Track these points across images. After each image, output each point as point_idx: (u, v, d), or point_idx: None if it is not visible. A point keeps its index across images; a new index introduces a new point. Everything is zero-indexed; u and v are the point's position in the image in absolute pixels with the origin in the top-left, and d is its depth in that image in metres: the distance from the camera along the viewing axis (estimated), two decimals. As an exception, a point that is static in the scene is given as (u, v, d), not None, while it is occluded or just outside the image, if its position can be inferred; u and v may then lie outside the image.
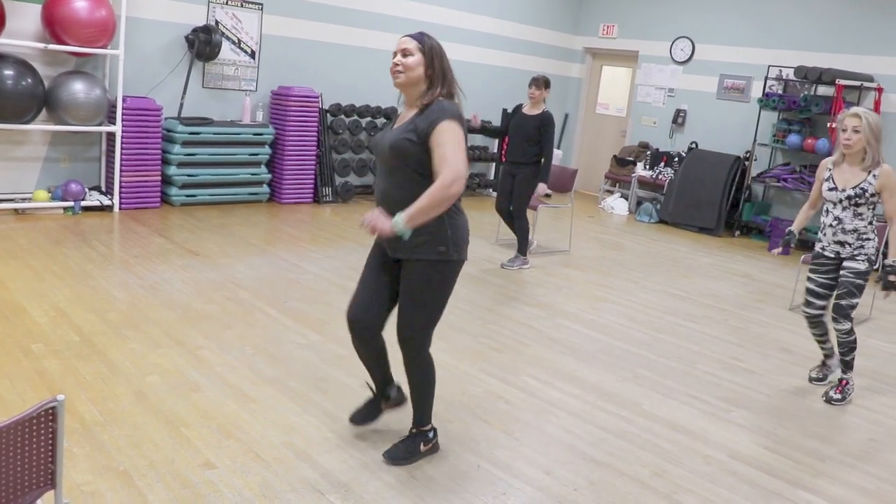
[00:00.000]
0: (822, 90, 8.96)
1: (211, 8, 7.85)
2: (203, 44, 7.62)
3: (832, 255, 4.37)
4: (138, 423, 3.27)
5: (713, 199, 9.56)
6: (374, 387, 3.39)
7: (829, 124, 8.48)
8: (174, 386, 3.67)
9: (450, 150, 2.79)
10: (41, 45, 6.54)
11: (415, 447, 3.21)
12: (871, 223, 4.27)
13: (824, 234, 4.38)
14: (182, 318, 4.59)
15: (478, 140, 10.58)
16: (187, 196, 7.68)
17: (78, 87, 6.67)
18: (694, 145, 10.45)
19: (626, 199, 10.74)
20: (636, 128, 11.36)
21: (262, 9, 8.25)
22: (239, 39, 8.15)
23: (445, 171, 2.76)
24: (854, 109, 4.18)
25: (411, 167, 2.89)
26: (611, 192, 11.14)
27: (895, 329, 6.10)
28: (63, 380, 3.60)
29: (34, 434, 1.71)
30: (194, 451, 3.10)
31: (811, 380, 4.68)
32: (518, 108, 6.77)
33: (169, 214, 7.28)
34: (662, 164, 10.47)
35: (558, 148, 11.93)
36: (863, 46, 8.98)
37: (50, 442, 1.75)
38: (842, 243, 4.30)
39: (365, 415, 3.41)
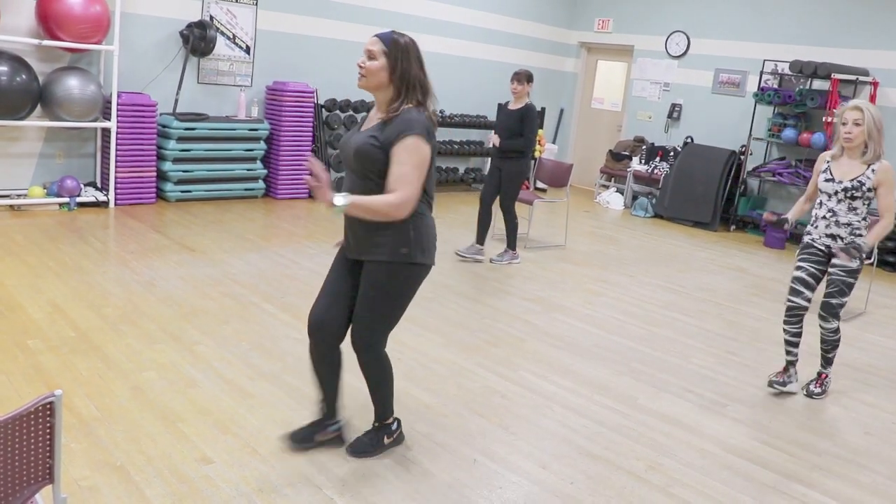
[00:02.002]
0: (818, 84, 8.98)
1: (205, 3, 7.83)
2: (198, 39, 7.60)
3: (822, 248, 4.28)
4: (135, 419, 3.28)
5: (708, 194, 9.58)
6: (323, 409, 3.18)
7: (824, 118, 8.50)
8: (171, 381, 3.68)
9: (408, 169, 2.72)
10: (35, 41, 6.52)
11: (378, 440, 3.19)
12: (864, 219, 4.18)
13: (815, 227, 4.27)
14: (178, 313, 4.59)
15: (474, 135, 10.57)
16: (183, 192, 7.67)
17: (73, 83, 6.65)
18: (689, 140, 10.45)
19: (622, 193, 10.75)
20: (631, 122, 11.37)
21: (256, 4, 8.23)
22: (234, 35, 8.13)
23: (400, 191, 2.70)
24: (855, 102, 4.07)
25: (374, 174, 2.78)
26: (606, 187, 11.15)
27: (890, 323, 6.13)
28: (60, 375, 3.61)
29: (32, 429, 1.71)
30: (191, 446, 3.10)
31: (771, 383, 4.35)
32: (504, 104, 6.91)
33: (164, 210, 7.27)
34: (658, 158, 10.48)
35: (553, 143, 11.94)
36: (858, 40, 8.99)
37: (48, 437, 1.76)
38: (834, 237, 4.20)
39: (305, 437, 3.16)
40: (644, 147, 10.78)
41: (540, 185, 10.65)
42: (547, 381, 4.18)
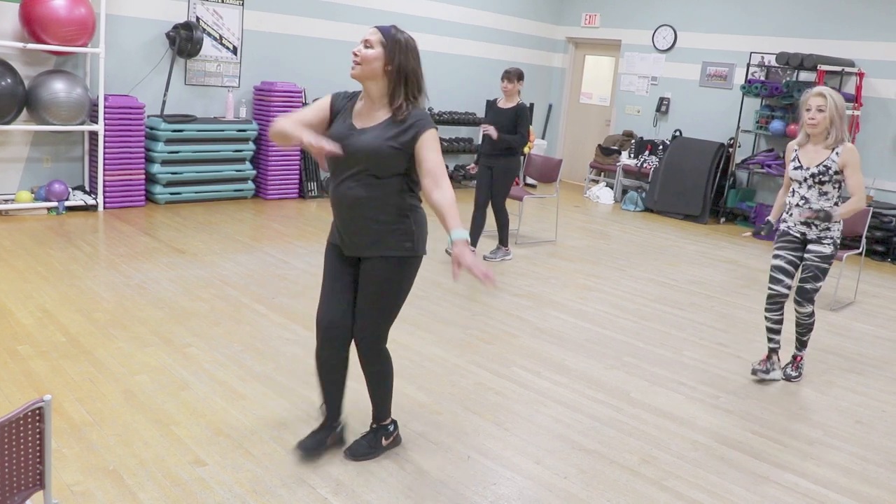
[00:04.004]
0: (804, 76, 9.01)
1: (191, 4, 7.80)
2: (184, 41, 7.57)
3: (798, 235, 4.37)
4: (127, 422, 3.27)
5: (698, 187, 9.61)
6: (326, 412, 3.16)
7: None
8: (162, 384, 3.67)
9: (440, 159, 2.80)
10: (20, 45, 6.48)
11: (377, 442, 3.17)
12: (836, 205, 4.25)
13: (790, 215, 4.38)
14: (169, 316, 4.58)
15: (463, 132, 10.58)
16: (172, 194, 7.64)
17: (59, 87, 6.61)
18: (678, 133, 10.48)
19: (612, 188, 10.77)
20: (620, 117, 11.39)
21: (242, 4, 8.20)
22: (220, 35, 8.10)
23: (447, 185, 2.76)
24: (818, 89, 4.17)
25: (393, 175, 2.82)
26: (596, 182, 11.17)
27: (879, 312, 6.16)
28: (50, 381, 3.59)
29: (21, 435, 1.71)
30: (184, 449, 3.10)
31: (755, 371, 4.40)
32: (493, 102, 6.86)
33: (154, 213, 7.24)
34: (647, 152, 10.50)
35: (542, 138, 11.95)
36: (844, 32, 9.03)
37: (38, 442, 1.75)
38: (808, 224, 4.30)
39: (318, 442, 3.13)
40: (633, 141, 10.80)
41: (529, 180, 10.67)
42: (540, 376, 4.19)
